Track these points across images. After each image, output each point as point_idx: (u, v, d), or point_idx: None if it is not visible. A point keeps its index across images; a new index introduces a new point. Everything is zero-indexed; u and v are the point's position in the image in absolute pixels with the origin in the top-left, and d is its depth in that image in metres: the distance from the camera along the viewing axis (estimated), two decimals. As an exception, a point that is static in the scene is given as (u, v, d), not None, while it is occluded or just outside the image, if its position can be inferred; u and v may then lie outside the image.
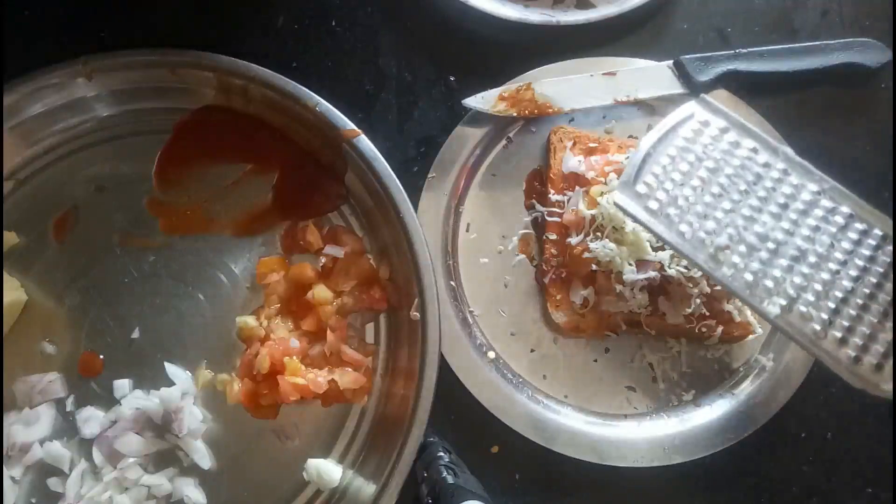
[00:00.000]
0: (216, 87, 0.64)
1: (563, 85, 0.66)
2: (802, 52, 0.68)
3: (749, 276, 0.45)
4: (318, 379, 0.57)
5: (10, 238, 0.62)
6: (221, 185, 0.65)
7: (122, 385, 0.59)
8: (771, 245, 0.45)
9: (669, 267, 0.57)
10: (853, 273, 0.45)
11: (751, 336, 0.60)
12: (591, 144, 0.63)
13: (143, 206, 0.64)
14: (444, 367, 0.59)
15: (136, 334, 0.61)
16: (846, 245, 0.46)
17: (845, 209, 0.46)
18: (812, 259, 0.45)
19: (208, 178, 0.65)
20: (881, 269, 0.45)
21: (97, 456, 0.58)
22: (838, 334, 0.45)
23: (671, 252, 0.57)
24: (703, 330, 0.59)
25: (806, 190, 0.46)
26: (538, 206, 0.64)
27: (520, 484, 0.60)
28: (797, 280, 0.45)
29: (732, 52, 0.67)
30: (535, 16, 0.67)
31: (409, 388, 0.57)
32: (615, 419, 0.60)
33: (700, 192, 0.46)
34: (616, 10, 0.67)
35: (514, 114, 0.65)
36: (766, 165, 0.47)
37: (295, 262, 0.63)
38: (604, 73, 0.66)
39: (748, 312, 0.59)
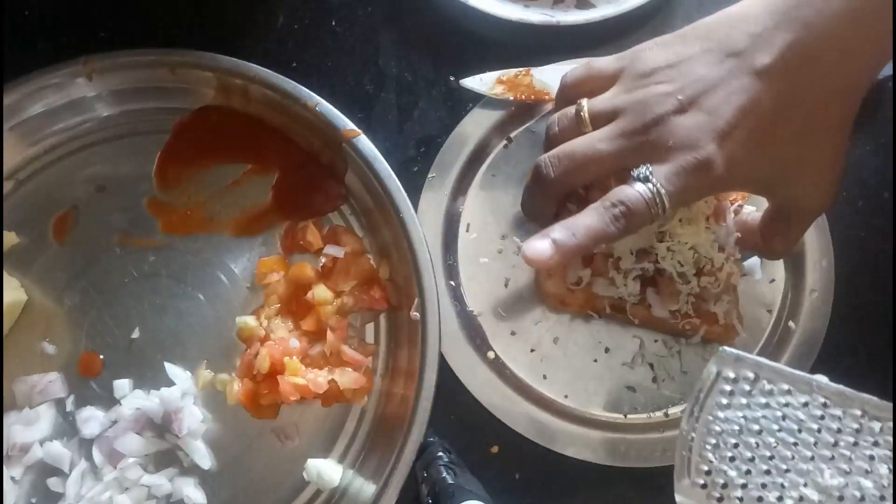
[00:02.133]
0: (216, 87, 0.64)
1: (561, 73, 0.66)
2: None
3: None
4: (318, 379, 0.57)
5: (10, 238, 0.62)
6: (221, 185, 0.65)
7: (122, 385, 0.59)
8: (835, 493, 0.42)
9: (663, 259, 0.57)
10: None
11: (735, 338, 0.60)
12: None
13: (143, 206, 0.64)
14: (444, 367, 0.59)
15: (136, 334, 0.61)
16: None
17: (889, 424, 0.43)
18: (876, 492, 0.42)
19: (208, 178, 0.65)
20: None
21: (97, 456, 0.58)
22: None
23: (668, 244, 0.57)
24: (687, 328, 0.59)
25: (849, 416, 0.43)
26: None
27: (520, 484, 0.60)
28: None
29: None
30: (535, 16, 0.67)
31: (409, 389, 0.57)
32: (615, 419, 0.60)
33: (755, 462, 0.43)
34: (616, 10, 0.67)
35: (511, 97, 0.65)
36: (806, 405, 0.44)
37: (295, 262, 0.63)
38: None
39: (734, 315, 0.59)
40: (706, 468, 0.43)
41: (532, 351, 0.62)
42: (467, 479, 0.55)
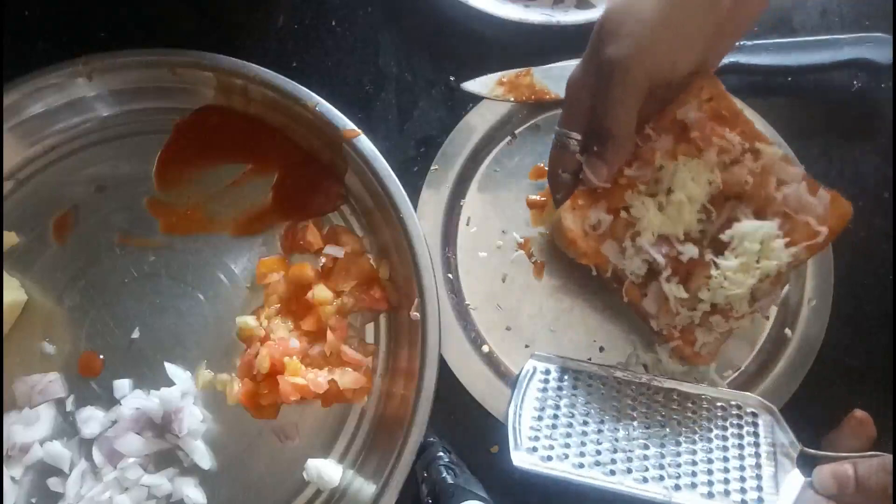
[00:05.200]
0: (216, 87, 0.64)
1: (564, 72, 0.65)
2: (810, 45, 0.66)
3: (639, 476, 0.53)
4: (318, 379, 0.57)
5: (10, 238, 0.62)
6: (221, 185, 0.65)
7: (122, 385, 0.60)
8: (642, 442, 0.55)
9: (700, 291, 0.55)
10: (715, 439, 0.55)
11: (701, 365, 0.59)
12: (724, 112, 0.58)
13: (143, 206, 0.64)
14: (444, 367, 0.59)
15: (136, 334, 0.61)
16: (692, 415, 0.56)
17: (688, 389, 0.58)
18: (677, 438, 0.55)
19: (208, 178, 0.65)
20: (737, 431, 0.56)
21: (97, 456, 0.58)
22: (722, 489, 0.53)
23: (712, 276, 0.55)
24: (663, 332, 0.57)
25: (643, 387, 0.58)
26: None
27: (520, 484, 0.59)
28: (676, 460, 0.54)
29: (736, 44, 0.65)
30: (535, 16, 0.67)
31: (409, 388, 0.57)
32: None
33: (572, 427, 0.55)
34: (616, 9, 0.67)
35: (512, 99, 0.66)
36: (604, 384, 0.58)
37: (295, 262, 0.63)
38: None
39: (710, 348, 0.57)
40: (534, 435, 0.55)
41: (526, 346, 0.62)
42: (467, 479, 0.55)
